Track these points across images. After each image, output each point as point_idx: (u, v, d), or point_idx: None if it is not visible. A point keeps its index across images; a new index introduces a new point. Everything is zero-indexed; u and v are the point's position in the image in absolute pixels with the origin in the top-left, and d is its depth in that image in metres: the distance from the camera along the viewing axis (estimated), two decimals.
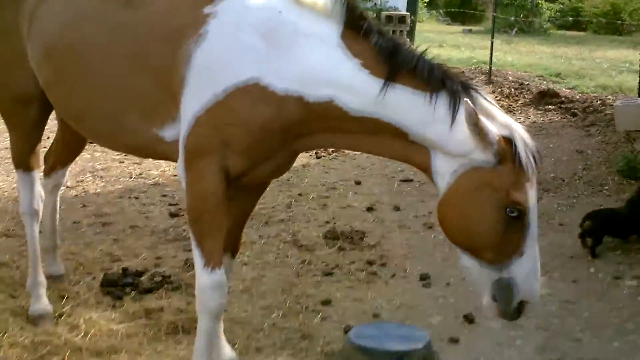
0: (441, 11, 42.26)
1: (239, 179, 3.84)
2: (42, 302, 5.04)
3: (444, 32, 32.80)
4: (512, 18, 30.16)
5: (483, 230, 3.44)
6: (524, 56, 22.08)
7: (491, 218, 3.41)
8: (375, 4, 18.22)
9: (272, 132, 3.69)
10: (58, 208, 5.62)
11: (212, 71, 3.68)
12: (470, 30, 33.97)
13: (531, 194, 3.46)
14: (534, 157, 3.44)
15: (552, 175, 8.83)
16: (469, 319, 5.37)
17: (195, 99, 3.70)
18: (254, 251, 6.42)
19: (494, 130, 3.38)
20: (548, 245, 6.67)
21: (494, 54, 18.21)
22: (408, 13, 18.61)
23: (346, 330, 5.02)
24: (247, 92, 3.62)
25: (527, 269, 3.48)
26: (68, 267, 5.82)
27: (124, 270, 5.80)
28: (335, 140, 3.86)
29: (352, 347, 4.72)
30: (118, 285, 5.54)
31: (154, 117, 3.92)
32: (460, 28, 35.92)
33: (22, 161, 4.99)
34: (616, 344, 5.07)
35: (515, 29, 31.53)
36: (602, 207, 7.51)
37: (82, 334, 4.80)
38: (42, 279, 5.11)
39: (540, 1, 35.64)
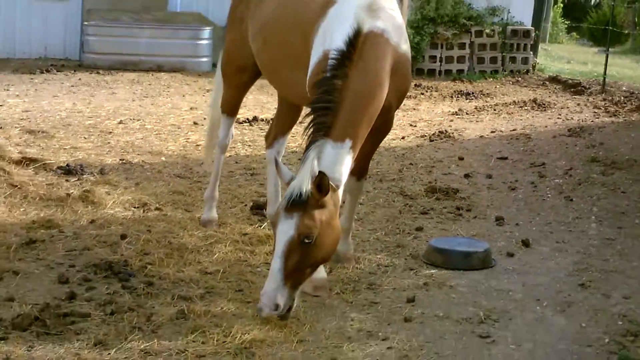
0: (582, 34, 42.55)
1: None
2: (212, 212, 7.06)
3: (579, 51, 33.78)
4: None
5: None
6: None
7: None
8: (502, 18, 19.66)
9: None
10: None
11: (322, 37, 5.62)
12: (605, 51, 34.58)
13: (280, 215, 5.02)
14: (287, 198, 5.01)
15: (626, 157, 10.36)
16: (525, 243, 7.06)
17: (315, 54, 5.62)
18: (368, 197, 8.23)
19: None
20: (609, 205, 8.34)
21: (620, 71, 19.60)
22: (532, 28, 20.00)
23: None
24: None
25: None
26: (226, 198, 7.80)
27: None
28: None
29: (432, 249, 6.56)
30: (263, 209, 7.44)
31: (304, 66, 5.78)
32: (596, 49, 36.58)
33: (229, 109, 7.18)
34: (635, 264, 6.67)
35: None
36: None
37: (239, 233, 6.77)
38: (216, 194, 7.15)
39: None
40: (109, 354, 4.64)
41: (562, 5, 35.54)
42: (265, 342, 4.87)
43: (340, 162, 5.23)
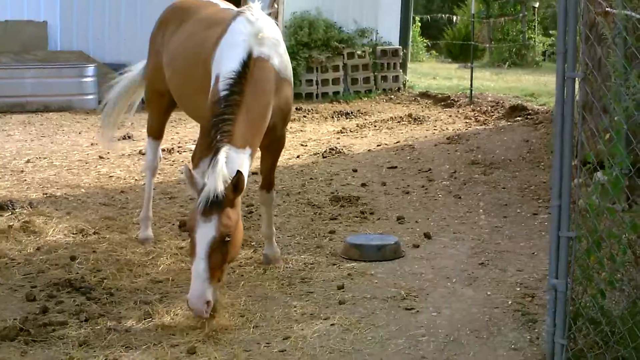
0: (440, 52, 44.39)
1: None
2: (148, 230, 7.78)
3: (441, 68, 35.51)
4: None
5: None
6: (509, 83, 24.72)
7: None
8: (371, 39, 20.86)
9: None
10: None
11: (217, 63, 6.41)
12: (465, 66, 36.47)
13: (198, 220, 5.58)
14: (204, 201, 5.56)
15: (502, 157, 11.60)
16: (427, 235, 8.04)
17: (213, 78, 6.39)
18: (280, 209, 9.08)
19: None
20: (493, 199, 9.43)
21: (483, 83, 21.37)
22: (400, 47, 21.30)
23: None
24: None
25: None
26: (154, 219, 8.51)
27: None
28: None
29: (349, 245, 7.45)
30: None
31: (205, 90, 6.54)
32: (457, 65, 38.47)
33: (154, 132, 7.95)
34: (522, 244, 7.74)
35: (508, 63, 34.00)
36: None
37: (175, 247, 7.52)
38: (150, 214, 7.86)
39: (533, 35, 37.63)
40: (94, 351, 5.32)
41: (419, 25, 37.13)
42: (227, 329, 5.64)
43: (245, 166, 5.99)
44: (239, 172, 5.65)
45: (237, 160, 5.87)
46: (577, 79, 4.83)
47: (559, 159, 4.91)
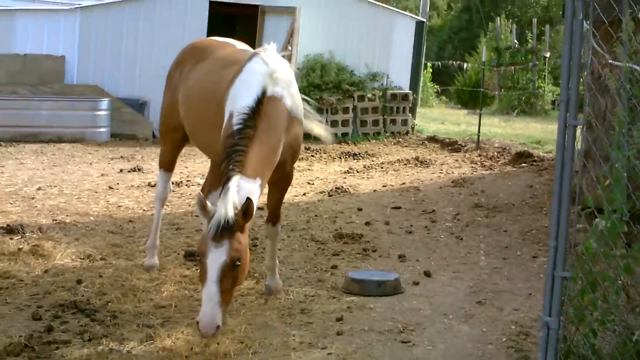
0: (450, 98, 44.69)
1: None
2: (154, 258, 7.94)
3: (450, 113, 35.83)
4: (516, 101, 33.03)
5: None
6: (516, 130, 24.95)
7: None
8: (382, 83, 21.14)
9: None
10: None
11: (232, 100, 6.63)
12: (473, 112, 36.75)
13: (209, 245, 5.75)
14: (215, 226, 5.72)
15: (505, 201, 11.77)
16: (427, 273, 8.18)
17: (226, 115, 6.62)
18: (284, 244, 9.24)
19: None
20: (494, 242, 9.59)
21: (491, 129, 21.70)
22: (410, 91, 21.59)
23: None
24: None
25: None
26: (160, 249, 8.67)
27: None
28: None
29: (350, 280, 7.60)
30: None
31: (218, 127, 6.79)
32: (466, 111, 38.75)
33: (165, 164, 8.19)
34: (520, 285, 7.87)
35: (517, 110, 34.22)
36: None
37: (180, 275, 7.67)
38: (157, 242, 8.02)
39: (542, 85, 37.79)
40: None
41: (430, 70, 37.48)
42: (227, 355, 5.78)
43: (255, 195, 6.16)
44: (248, 199, 5.82)
45: (247, 188, 6.05)
46: (578, 126, 5.01)
47: (557, 202, 5.06)
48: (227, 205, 5.81)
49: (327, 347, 6.02)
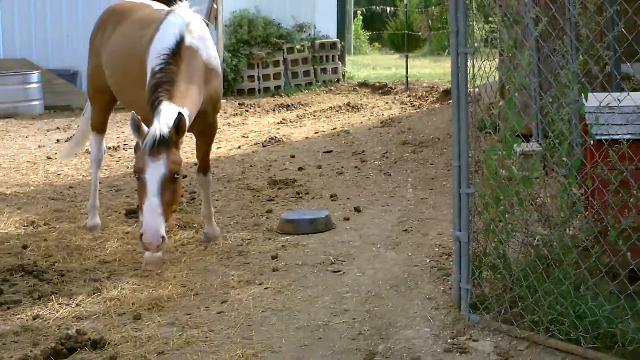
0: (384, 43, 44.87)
1: None
2: (96, 218, 8.28)
3: (383, 59, 36.22)
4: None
5: None
6: (445, 69, 25.45)
7: None
8: (310, 34, 21.44)
9: None
10: None
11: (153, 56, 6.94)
12: (405, 55, 37.15)
13: (146, 160, 6.08)
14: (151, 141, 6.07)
15: (431, 136, 12.29)
16: (357, 209, 8.64)
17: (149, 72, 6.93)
18: (221, 194, 9.62)
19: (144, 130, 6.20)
20: (421, 175, 10.09)
21: (420, 70, 22.38)
22: (338, 39, 21.94)
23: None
24: None
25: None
26: (101, 210, 9.00)
27: None
28: None
29: (283, 221, 8.01)
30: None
31: (142, 84, 7.11)
32: (398, 55, 39.11)
33: (97, 127, 8.47)
34: (444, 212, 8.36)
35: (447, 51, 34.75)
36: None
37: (122, 232, 8.03)
38: (97, 203, 8.35)
39: (471, 23, 38.12)
40: (47, 323, 5.83)
41: (361, 18, 37.68)
42: (170, 298, 6.18)
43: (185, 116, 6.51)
44: (180, 114, 6.22)
45: (177, 111, 6.39)
46: (469, 53, 5.46)
47: (457, 125, 5.52)
48: (161, 122, 6.19)
49: (264, 283, 6.45)
